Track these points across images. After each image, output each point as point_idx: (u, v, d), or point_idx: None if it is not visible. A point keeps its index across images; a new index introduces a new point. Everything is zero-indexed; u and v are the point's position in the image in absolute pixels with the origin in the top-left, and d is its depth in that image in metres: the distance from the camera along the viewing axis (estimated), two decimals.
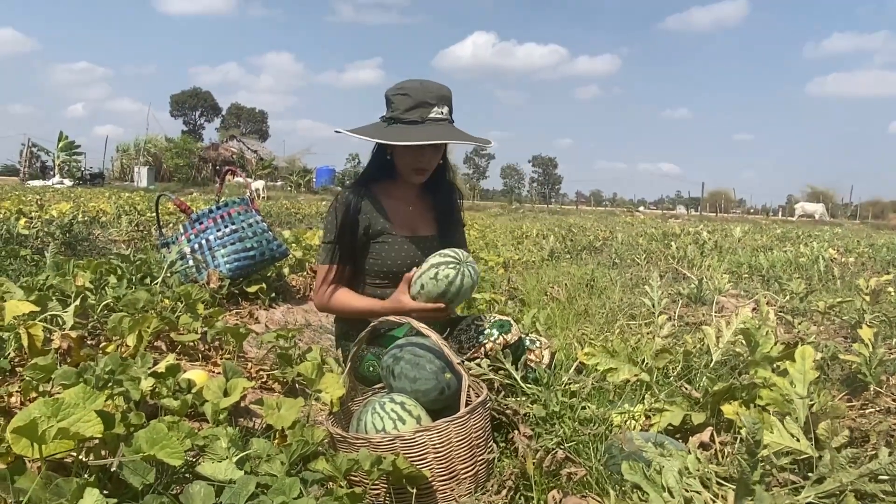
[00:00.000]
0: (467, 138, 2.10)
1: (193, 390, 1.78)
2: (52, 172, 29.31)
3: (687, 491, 1.26)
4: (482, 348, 2.05)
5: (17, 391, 1.57)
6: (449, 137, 2.07)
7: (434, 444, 1.63)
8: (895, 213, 35.99)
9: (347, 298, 2.16)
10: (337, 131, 2.10)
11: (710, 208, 42.47)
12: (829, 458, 1.23)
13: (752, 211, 49.24)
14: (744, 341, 2.17)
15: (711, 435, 1.51)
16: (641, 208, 45.92)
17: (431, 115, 2.05)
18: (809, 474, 1.34)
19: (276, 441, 1.70)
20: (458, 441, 1.65)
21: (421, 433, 1.62)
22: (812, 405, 1.54)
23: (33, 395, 1.53)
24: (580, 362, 2.29)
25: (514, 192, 68.77)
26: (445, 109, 2.08)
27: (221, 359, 2.22)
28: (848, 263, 6.46)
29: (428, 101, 2.05)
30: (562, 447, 1.66)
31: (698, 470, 1.35)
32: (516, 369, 1.95)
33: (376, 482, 1.59)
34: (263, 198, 21.77)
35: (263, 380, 2.24)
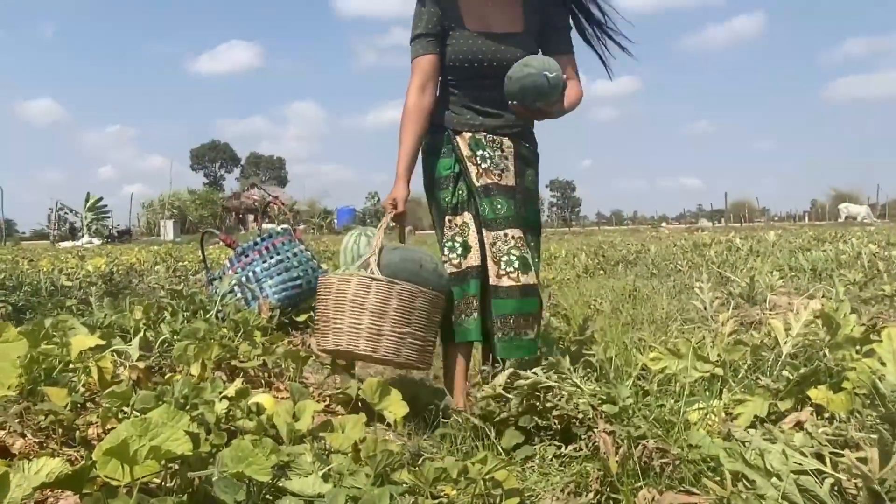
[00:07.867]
0: None
1: (264, 414, 1.76)
2: (80, 233, 29.85)
3: (797, 472, 1.20)
4: None
5: (93, 422, 1.56)
6: None
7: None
8: None
9: (411, 121, 2.12)
10: None
11: (733, 219, 41.98)
12: None
13: (776, 218, 48.54)
14: (817, 331, 2.10)
15: (810, 415, 1.45)
16: (664, 224, 45.40)
17: None
18: None
19: (350, 456, 1.66)
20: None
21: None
22: None
23: (111, 423, 1.51)
24: (643, 367, 2.23)
25: None
26: None
27: (284, 384, 2.20)
28: (892, 257, 6.29)
29: None
30: (645, 440, 1.60)
31: (811, 445, 1.29)
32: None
33: None
34: None
35: (327, 403, 2.21)
